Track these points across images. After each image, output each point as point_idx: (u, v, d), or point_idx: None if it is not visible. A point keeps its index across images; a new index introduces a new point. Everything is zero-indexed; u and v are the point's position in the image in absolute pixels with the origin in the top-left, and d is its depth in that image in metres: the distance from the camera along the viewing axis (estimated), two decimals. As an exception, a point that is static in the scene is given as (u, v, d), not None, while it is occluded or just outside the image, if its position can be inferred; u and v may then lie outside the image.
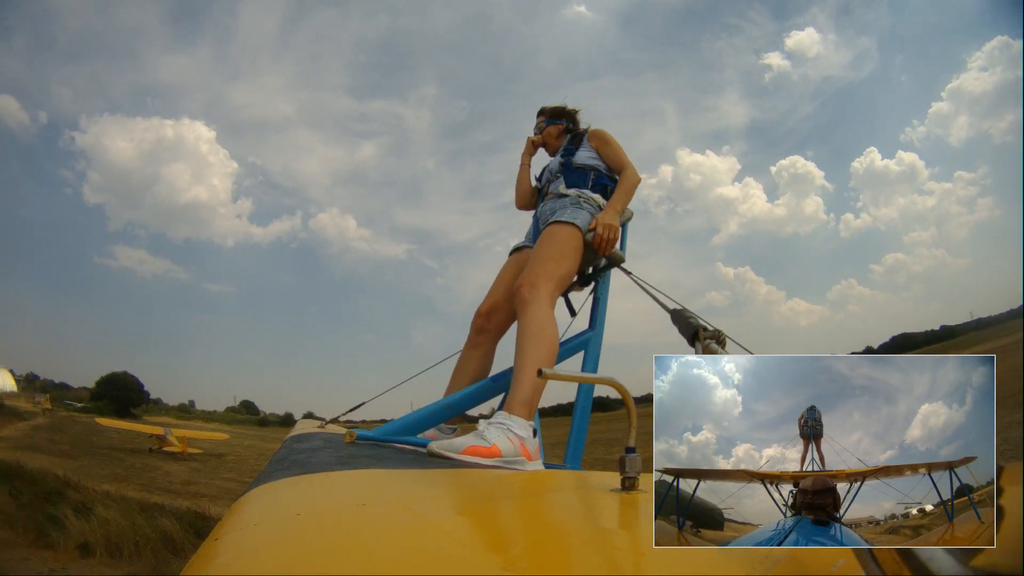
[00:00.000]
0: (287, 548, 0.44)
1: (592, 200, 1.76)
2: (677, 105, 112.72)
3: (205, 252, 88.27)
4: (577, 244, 1.65)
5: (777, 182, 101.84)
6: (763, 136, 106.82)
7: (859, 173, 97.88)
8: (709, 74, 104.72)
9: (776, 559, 0.41)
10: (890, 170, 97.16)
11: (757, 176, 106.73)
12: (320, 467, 0.91)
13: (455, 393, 1.68)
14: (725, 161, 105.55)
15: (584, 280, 1.89)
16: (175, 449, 15.24)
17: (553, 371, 0.75)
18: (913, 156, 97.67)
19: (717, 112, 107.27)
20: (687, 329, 1.50)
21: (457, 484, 0.88)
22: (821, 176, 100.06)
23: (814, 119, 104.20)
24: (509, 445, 1.22)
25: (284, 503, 0.69)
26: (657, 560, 0.41)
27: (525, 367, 1.39)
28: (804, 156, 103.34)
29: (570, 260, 1.64)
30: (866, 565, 0.36)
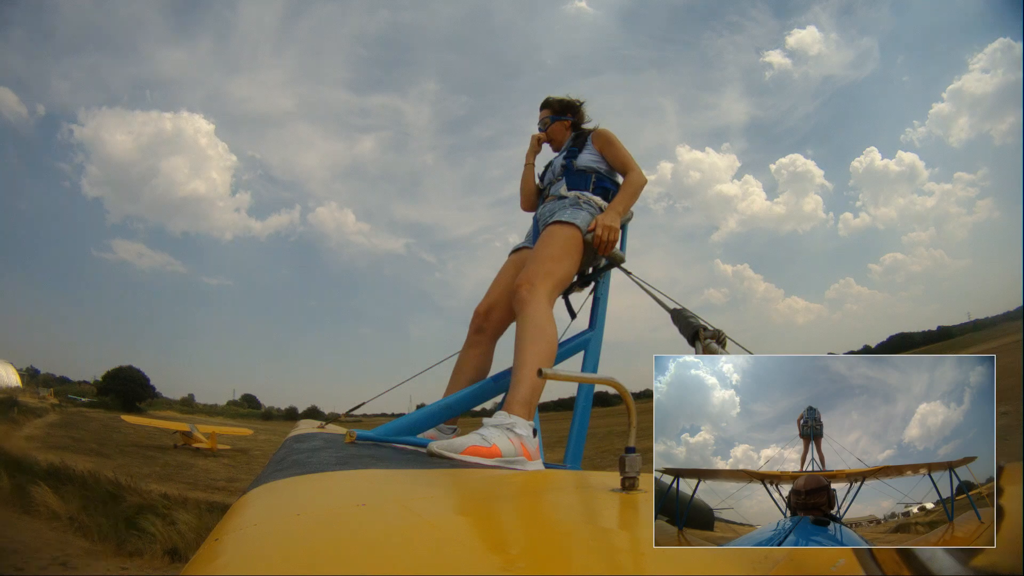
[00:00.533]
0: (287, 548, 0.44)
1: (592, 202, 1.76)
2: (677, 102, 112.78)
3: (204, 246, 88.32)
4: (577, 245, 1.65)
5: (777, 180, 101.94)
6: (763, 134, 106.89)
7: (859, 172, 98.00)
8: (710, 71, 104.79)
9: (776, 559, 0.41)
10: (890, 170, 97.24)
11: (757, 174, 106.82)
12: (320, 467, 0.91)
13: (455, 393, 1.68)
14: (725, 158, 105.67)
15: (584, 280, 1.89)
16: (203, 445, 15.01)
17: (553, 371, 0.75)
18: (913, 156, 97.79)
19: (717, 109, 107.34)
20: (687, 329, 1.51)
21: (457, 484, 0.88)
22: (821, 175, 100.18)
23: (814, 118, 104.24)
24: (509, 445, 1.22)
25: (284, 503, 0.69)
26: (657, 560, 0.41)
27: (524, 367, 1.39)
28: (804, 154, 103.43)
29: (569, 260, 1.64)
30: (866, 565, 0.36)
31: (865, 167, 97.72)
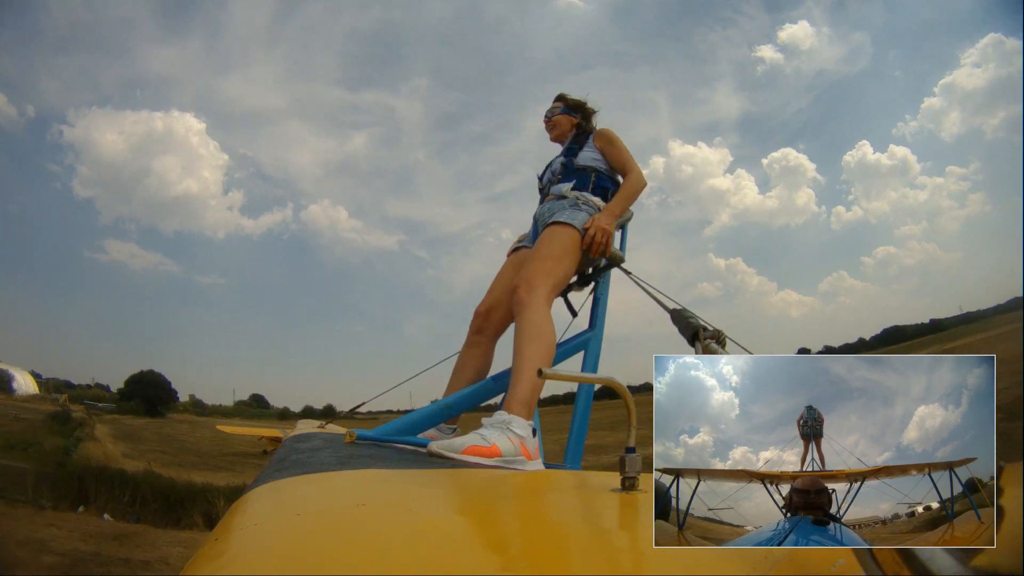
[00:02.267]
0: (287, 548, 0.44)
1: (591, 202, 1.76)
2: (669, 97, 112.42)
3: (196, 245, 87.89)
4: (575, 245, 1.65)
5: (769, 174, 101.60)
6: (755, 128, 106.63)
7: (851, 166, 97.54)
8: (702, 67, 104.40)
9: (776, 559, 0.42)
10: (882, 164, 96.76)
11: (749, 168, 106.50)
12: (320, 467, 0.91)
13: (455, 393, 1.68)
14: (717, 153, 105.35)
15: (584, 280, 1.89)
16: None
17: (553, 371, 0.75)
18: (905, 150, 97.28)
19: (710, 104, 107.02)
20: (687, 329, 1.51)
21: (457, 484, 0.88)
22: (813, 169, 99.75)
23: (807, 112, 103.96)
24: (509, 445, 1.22)
25: (284, 503, 0.69)
26: (657, 560, 0.41)
27: (523, 367, 1.39)
28: (796, 148, 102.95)
29: (568, 261, 1.64)
30: (866, 565, 0.36)
31: (857, 161, 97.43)
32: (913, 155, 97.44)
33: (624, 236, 1.93)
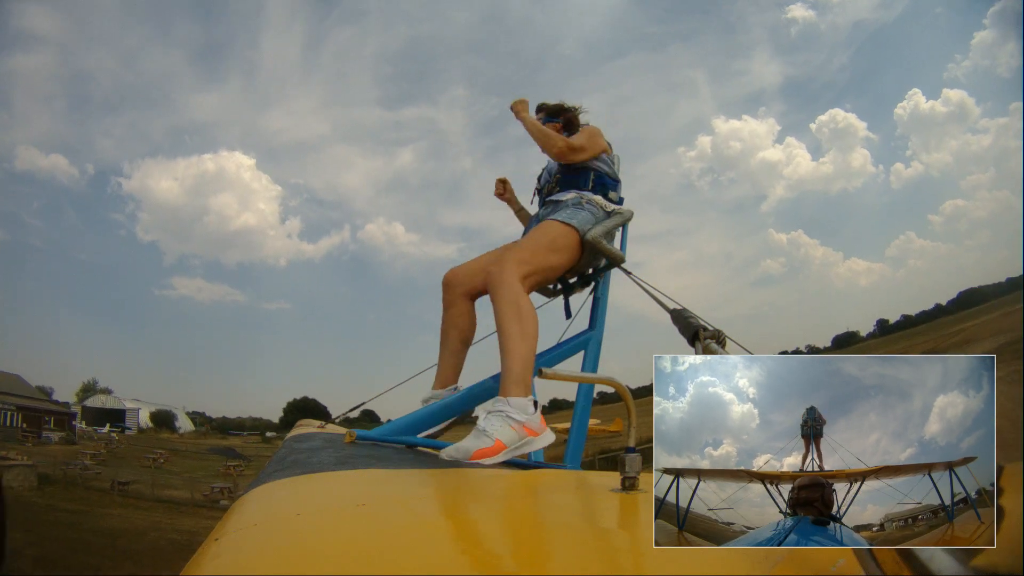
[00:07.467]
0: (287, 548, 0.44)
1: (593, 201, 1.74)
2: (707, 73, 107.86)
3: (260, 273, 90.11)
4: (567, 243, 1.63)
5: (819, 139, 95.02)
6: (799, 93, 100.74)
7: (904, 119, 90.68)
8: (735, 36, 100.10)
9: (776, 559, 0.42)
10: (937, 111, 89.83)
11: (799, 135, 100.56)
12: (320, 467, 0.91)
13: (454, 394, 1.67)
14: (764, 124, 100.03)
15: (584, 280, 1.89)
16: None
17: (553, 371, 0.75)
18: (961, 93, 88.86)
19: (749, 75, 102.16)
20: (687, 329, 1.50)
21: (457, 484, 0.88)
22: (864, 127, 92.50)
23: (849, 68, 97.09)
24: (511, 433, 1.22)
25: (284, 503, 0.69)
26: (657, 560, 0.41)
27: (509, 345, 1.37)
28: (844, 108, 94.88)
29: (555, 255, 1.61)
30: (866, 565, 0.36)
31: (910, 112, 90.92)
32: (970, 97, 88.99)
33: (624, 236, 1.93)
